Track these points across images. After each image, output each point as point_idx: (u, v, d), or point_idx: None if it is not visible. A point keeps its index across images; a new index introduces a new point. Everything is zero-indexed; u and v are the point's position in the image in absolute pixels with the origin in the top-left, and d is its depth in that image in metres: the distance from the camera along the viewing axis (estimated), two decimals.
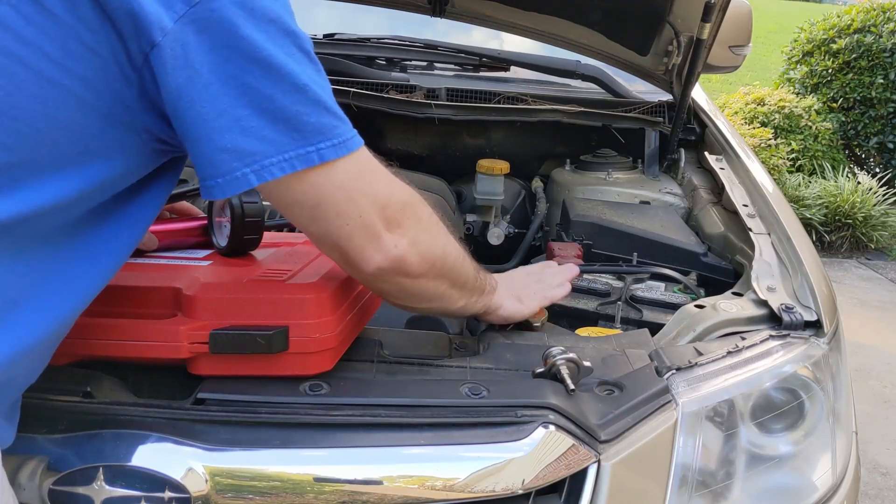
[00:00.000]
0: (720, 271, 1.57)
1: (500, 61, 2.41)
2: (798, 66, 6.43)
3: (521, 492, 0.92)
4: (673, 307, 1.40)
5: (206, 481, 0.87)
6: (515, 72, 2.45)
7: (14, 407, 0.82)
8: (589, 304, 1.46)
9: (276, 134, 0.77)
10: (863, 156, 6.28)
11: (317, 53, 0.82)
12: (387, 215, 0.87)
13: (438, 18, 2.19)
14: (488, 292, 1.13)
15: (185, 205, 1.20)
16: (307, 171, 0.79)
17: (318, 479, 0.89)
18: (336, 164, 0.81)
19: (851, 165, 6.03)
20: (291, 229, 1.39)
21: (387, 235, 0.88)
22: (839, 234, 5.01)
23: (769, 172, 2.05)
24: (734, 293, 1.33)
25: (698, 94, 2.18)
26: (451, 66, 2.46)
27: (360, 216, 0.85)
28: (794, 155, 5.47)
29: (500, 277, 1.20)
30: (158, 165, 0.86)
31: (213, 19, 0.73)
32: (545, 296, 1.23)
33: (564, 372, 0.99)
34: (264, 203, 1.11)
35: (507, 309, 1.17)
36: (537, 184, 2.17)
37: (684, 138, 2.10)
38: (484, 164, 1.97)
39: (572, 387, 0.97)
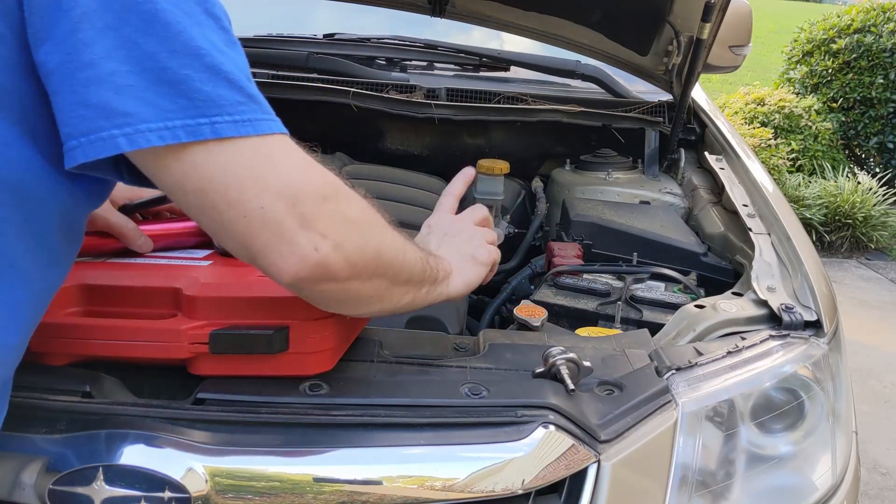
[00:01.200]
0: (720, 271, 1.57)
1: (500, 61, 2.41)
2: (798, 66, 6.43)
3: (521, 492, 0.92)
4: (673, 307, 1.40)
5: (206, 481, 0.87)
6: (515, 72, 2.45)
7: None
8: (589, 304, 1.46)
9: (158, 97, 0.65)
10: (863, 156, 6.28)
11: (317, 53, 0.78)
12: (300, 210, 0.72)
13: (438, 18, 2.19)
14: (442, 279, 0.98)
15: None
16: (191, 146, 0.67)
17: (318, 479, 0.89)
18: (231, 142, 0.68)
19: (851, 165, 6.03)
20: None
21: (302, 235, 0.72)
22: (839, 234, 5.01)
23: (769, 172, 2.05)
24: (734, 293, 1.34)
25: (698, 94, 2.19)
26: (451, 66, 2.46)
27: (262, 208, 0.70)
28: (794, 155, 5.47)
29: (443, 241, 1.06)
30: None
31: None
32: (488, 241, 1.09)
33: (564, 372, 0.99)
34: None
35: (468, 283, 1.02)
36: (537, 184, 2.17)
37: (684, 138, 2.10)
38: (484, 164, 1.96)
39: (572, 387, 0.97)
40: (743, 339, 1.15)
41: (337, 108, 1.96)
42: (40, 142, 0.70)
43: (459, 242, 1.07)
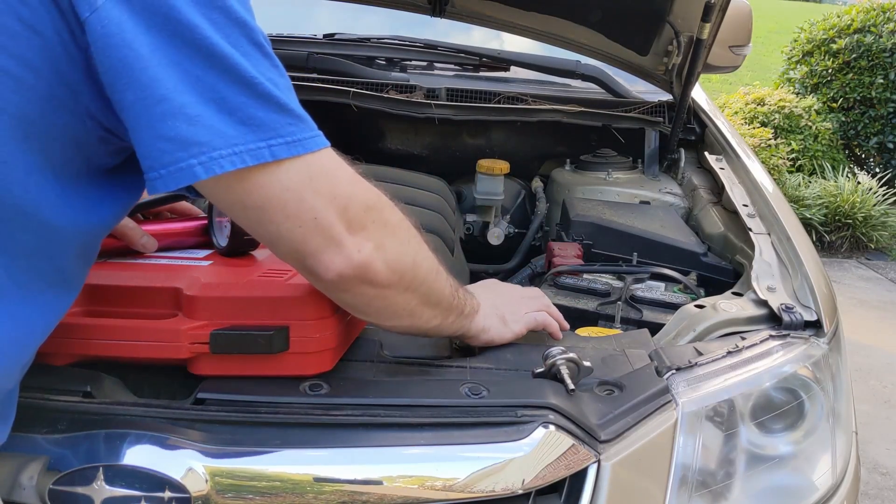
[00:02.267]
0: (720, 271, 1.57)
1: (500, 61, 2.41)
2: (798, 66, 6.43)
3: (521, 492, 0.92)
4: (673, 307, 1.40)
5: (206, 481, 0.87)
6: (515, 72, 2.45)
7: (4, 405, 0.80)
8: (589, 304, 1.46)
9: (224, 125, 0.71)
10: (863, 156, 6.28)
11: (317, 53, 0.80)
12: (348, 217, 0.79)
13: (438, 18, 2.19)
14: (468, 314, 1.04)
15: (185, 205, 1.20)
16: (253, 169, 0.73)
17: (318, 479, 0.89)
18: (287, 163, 0.74)
19: (851, 165, 6.03)
20: None
21: (349, 238, 0.80)
22: (839, 234, 5.01)
23: (769, 172, 2.06)
24: (734, 293, 1.34)
25: (698, 94, 2.18)
26: (451, 66, 2.46)
27: (315, 218, 0.77)
28: (794, 155, 5.47)
29: (484, 291, 1.12)
30: (118, 164, 0.81)
31: None
32: (535, 319, 1.14)
33: (564, 372, 0.99)
34: None
35: (490, 333, 1.08)
36: (537, 184, 2.17)
37: (684, 138, 2.10)
38: (484, 164, 1.97)
39: (572, 387, 0.97)
40: (743, 339, 1.15)
41: (337, 108, 1.96)
42: (58, 170, 0.75)
43: (499, 300, 1.13)
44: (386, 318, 0.93)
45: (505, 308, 1.12)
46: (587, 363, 1.01)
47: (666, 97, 2.16)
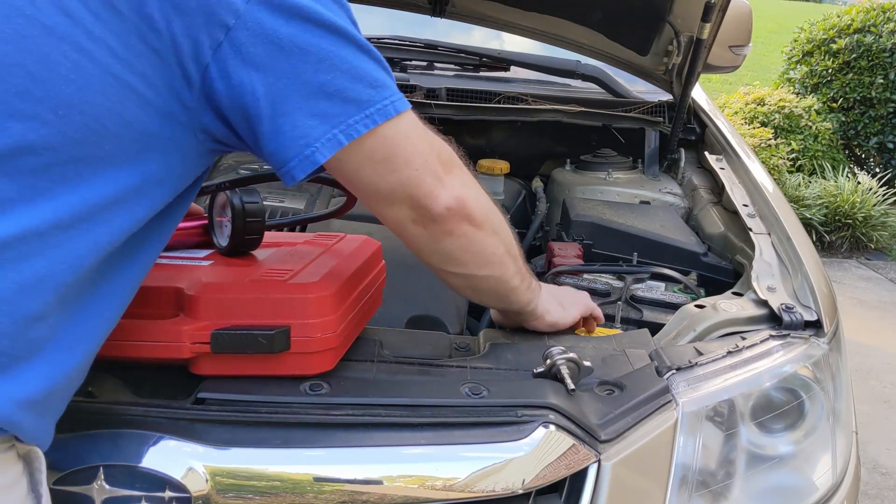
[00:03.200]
0: (720, 271, 1.57)
1: (500, 61, 2.41)
2: (798, 66, 6.43)
3: (521, 491, 0.92)
4: (673, 307, 1.40)
5: (207, 481, 0.87)
6: (515, 72, 2.45)
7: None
8: None
9: (357, 93, 0.81)
10: (863, 156, 6.28)
11: None
12: (442, 160, 0.91)
13: (438, 18, 2.20)
14: (534, 288, 1.13)
15: None
16: (382, 125, 0.83)
17: (318, 479, 0.89)
18: (402, 116, 0.85)
19: (851, 165, 6.03)
20: (291, 229, 1.39)
21: (446, 178, 0.91)
22: (839, 234, 5.01)
23: (769, 172, 2.06)
24: (734, 293, 1.34)
25: (698, 94, 2.19)
26: (452, 66, 2.46)
27: (426, 161, 0.88)
28: (794, 155, 5.47)
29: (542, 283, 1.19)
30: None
31: None
32: (585, 303, 1.22)
33: (564, 372, 0.99)
34: (264, 203, 1.11)
35: (553, 314, 1.16)
36: (537, 184, 2.17)
37: (684, 138, 2.10)
38: (484, 164, 1.97)
39: (572, 387, 0.97)
40: (743, 339, 1.15)
41: None
42: (162, 182, 0.81)
43: (552, 289, 1.21)
44: (481, 264, 1.00)
45: (559, 295, 1.20)
46: (587, 363, 1.01)
47: (666, 97, 2.16)
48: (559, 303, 1.18)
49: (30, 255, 0.71)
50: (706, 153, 1.96)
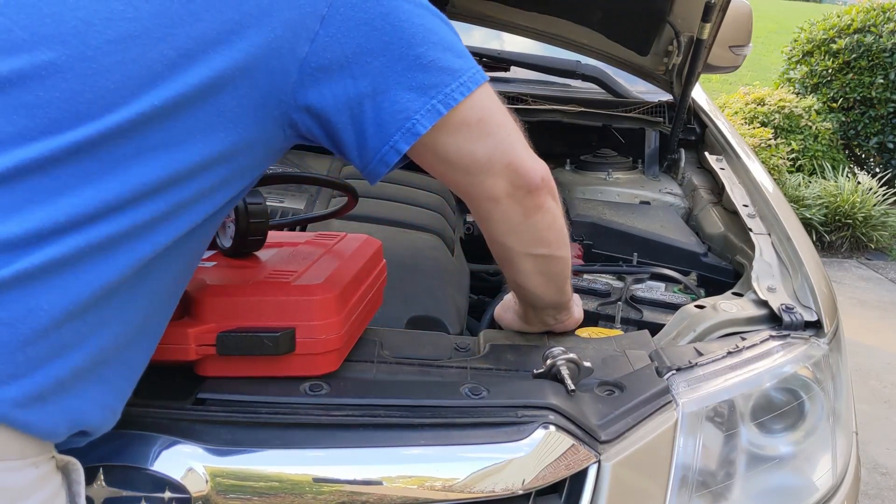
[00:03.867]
0: (720, 271, 1.57)
1: (501, 61, 2.41)
2: (798, 66, 6.43)
3: (521, 492, 0.92)
4: (673, 307, 1.40)
5: (207, 481, 0.87)
6: (515, 72, 2.45)
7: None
8: (589, 305, 1.46)
9: (449, 62, 0.83)
10: (863, 156, 6.28)
11: None
12: (520, 130, 0.93)
13: None
14: (570, 296, 1.16)
15: None
16: (476, 91, 0.84)
17: (318, 480, 0.89)
18: (487, 83, 0.87)
19: (851, 165, 6.03)
20: (291, 229, 1.39)
21: (530, 149, 0.93)
22: (839, 234, 5.01)
23: (769, 172, 2.06)
24: (734, 293, 1.34)
25: (698, 94, 2.19)
26: None
27: (513, 124, 0.90)
28: (794, 155, 5.47)
29: None
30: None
31: None
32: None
33: (565, 372, 0.99)
34: (267, 203, 1.11)
35: (578, 311, 1.20)
36: None
37: (684, 138, 2.10)
38: None
39: (572, 387, 0.97)
40: (743, 339, 1.15)
41: None
42: (245, 175, 0.83)
43: None
44: (562, 242, 1.02)
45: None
46: (587, 363, 1.01)
47: (666, 97, 2.16)
48: (576, 301, 1.21)
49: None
50: (706, 153, 1.96)
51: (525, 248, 0.99)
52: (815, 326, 1.19)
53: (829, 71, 6.10)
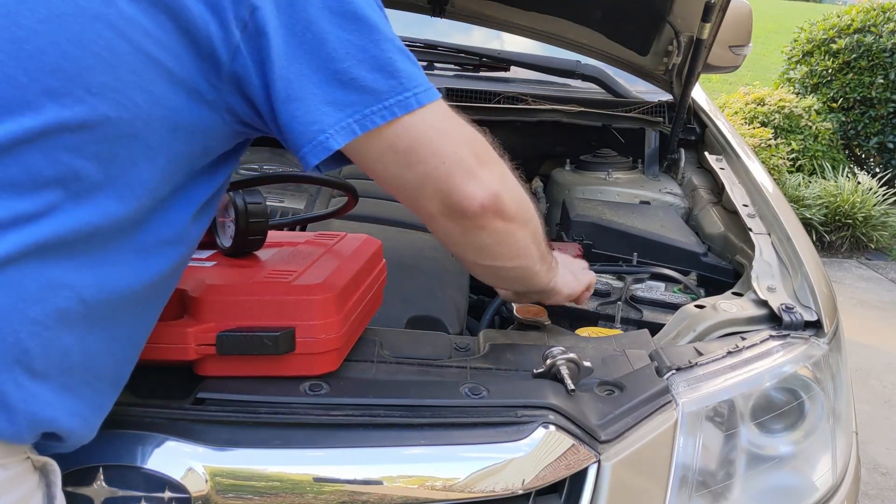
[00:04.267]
0: (720, 271, 1.57)
1: (500, 61, 2.41)
2: (798, 66, 6.43)
3: (521, 492, 0.92)
4: (673, 307, 1.40)
5: (206, 481, 0.87)
6: (515, 72, 2.45)
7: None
8: (589, 304, 1.46)
9: (375, 83, 0.79)
10: (863, 156, 6.28)
11: None
12: (476, 152, 0.88)
13: (438, 18, 2.19)
14: (554, 265, 1.12)
15: None
16: (403, 117, 0.81)
17: (318, 479, 0.89)
18: (430, 106, 0.83)
19: (851, 165, 6.03)
20: (292, 229, 1.39)
21: (481, 171, 0.88)
22: (839, 234, 5.01)
23: (769, 172, 2.06)
24: (734, 293, 1.34)
25: (698, 94, 2.19)
26: (451, 67, 2.46)
27: (455, 152, 0.85)
28: (794, 155, 5.47)
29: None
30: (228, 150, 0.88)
31: None
32: (589, 272, 1.22)
33: (564, 372, 0.99)
34: (267, 203, 1.11)
35: (570, 286, 1.17)
36: (537, 184, 2.17)
37: (684, 138, 2.10)
38: None
39: (572, 387, 0.97)
40: (743, 339, 1.15)
41: None
42: (191, 162, 0.81)
43: (569, 261, 1.23)
44: (512, 256, 0.99)
45: (571, 265, 1.21)
46: (587, 363, 1.01)
47: (666, 97, 2.16)
48: (572, 272, 1.19)
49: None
50: (706, 153, 1.96)
51: (472, 258, 0.99)
52: (815, 326, 1.19)
53: (829, 71, 6.10)
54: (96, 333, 0.76)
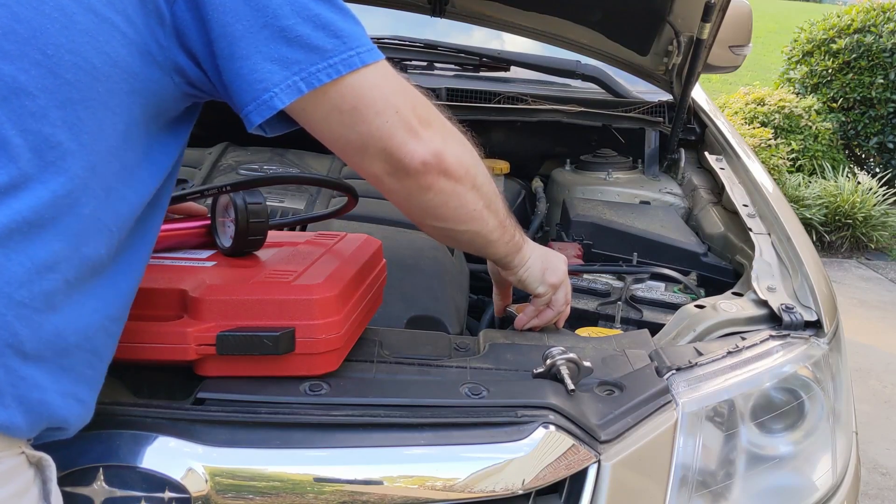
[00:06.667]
0: (720, 271, 1.57)
1: (500, 61, 2.41)
2: (798, 66, 6.43)
3: (521, 492, 0.92)
4: (673, 307, 1.40)
5: (206, 481, 0.87)
6: (515, 72, 2.45)
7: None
8: (589, 304, 1.46)
9: (320, 41, 0.80)
10: (863, 156, 6.28)
11: None
12: (418, 113, 0.89)
13: (438, 18, 2.19)
14: (517, 242, 1.11)
15: (190, 205, 1.19)
16: (347, 76, 0.82)
17: (318, 479, 0.89)
18: (373, 66, 0.84)
19: (851, 165, 6.03)
20: (292, 229, 1.39)
21: (423, 131, 0.89)
22: (839, 234, 5.01)
23: (769, 172, 2.06)
24: (734, 293, 1.33)
25: (698, 94, 2.19)
26: (452, 67, 2.46)
27: (397, 112, 0.86)
28: (794, 155, 5.47)
29: (535, 244, 1.19)
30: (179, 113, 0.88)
31: None
32: (561, 280, 1.20)
33: (564, 372, 0.99)
34: (267, 203, 1.11)
35: (530, 271, 1.15)
36: (537, 184, 2.17)
37: (684, 138, 2.10)
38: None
39: (572, 387, 0.97)
40: (743, 339, 1.15)
41: None
42: (149, 125, 0.81)
43: (548, 256, 1.20)
44: (462, 219, 0.99)
45: (549, 262, 1.18)
46: (587, 363, 1.01)
47: (666, 97, 2.16)
48: (542, 268, 1.16)
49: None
50: (706, 153, 1.96)
51: (419, 220, 1.00)
52: (815, 326, 1.19)
53: (829, 71, 6.10)
54: (84, 307, 0.76)
